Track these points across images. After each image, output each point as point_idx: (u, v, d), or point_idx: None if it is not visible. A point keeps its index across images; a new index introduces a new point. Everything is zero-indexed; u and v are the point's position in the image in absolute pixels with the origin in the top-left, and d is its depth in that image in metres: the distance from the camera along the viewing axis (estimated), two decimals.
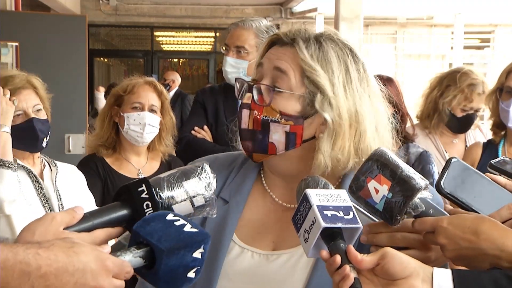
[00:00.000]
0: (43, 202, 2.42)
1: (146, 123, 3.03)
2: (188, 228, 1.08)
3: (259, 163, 1.50)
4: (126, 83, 3.12)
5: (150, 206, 1.15)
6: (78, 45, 6.18)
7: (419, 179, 1.18)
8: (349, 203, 1.16)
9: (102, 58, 14.78)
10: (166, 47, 14.51)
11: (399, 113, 2.59)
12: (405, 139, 2.90)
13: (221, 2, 11.89)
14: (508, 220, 1.23)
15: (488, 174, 1.37)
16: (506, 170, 1.43)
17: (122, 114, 3.05)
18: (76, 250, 0.98)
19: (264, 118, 1.39)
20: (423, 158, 2.88)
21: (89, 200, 2.66)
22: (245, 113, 1.41)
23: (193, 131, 3.35)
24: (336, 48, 1.41)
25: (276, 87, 1.39)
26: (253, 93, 1.41)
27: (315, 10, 11.17)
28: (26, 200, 2.36)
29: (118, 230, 1.17)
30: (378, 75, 1.64)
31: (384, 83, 1.52)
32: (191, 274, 1.07)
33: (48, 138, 2.52)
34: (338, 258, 1.09)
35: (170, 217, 1.09)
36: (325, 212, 1.12)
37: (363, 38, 9.05)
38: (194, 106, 3.53)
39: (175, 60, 15.09)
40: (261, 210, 1.47)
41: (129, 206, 1.16)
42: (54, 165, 2.59)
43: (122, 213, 1.16)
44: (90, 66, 11.46)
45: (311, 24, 10.99)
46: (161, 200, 1.17)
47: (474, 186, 1.31)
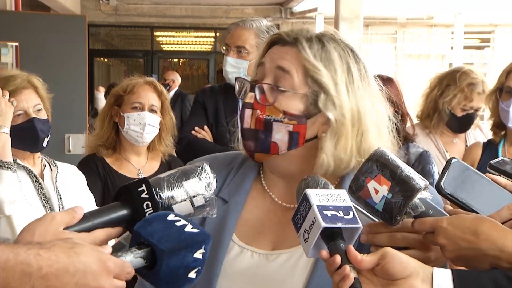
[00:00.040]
0: (44, 202, 2.42)
1: (146, 123, 3.03)
2: (189, 228, 1.08)
3: (258, 163, 1.49)
4: (126, 83, 3.11)
5: (150, 206, 1.15)
6: (78, 45, 6.18)
7: (419, 180, 1.18)
8: (349, 203, 1.16)
9: (102, 58, 14.77)
10: (166, 47, 14.50)
11: (399, 113, 2.59)
12: (405, 139, 2.90)
13: (221, 2, 11.88)
14: (508, 220, 1.23)
15: (488, 174, 1.37)
16: (506, 170, 1.43)
17: (122, 114, 3.05)
18: (77, 251, 0.98)
19: (267, 117, 1.38)
20: (423, 158, 2.88)
21: (89, 200, 2.66)
22: (247, 112, 1.41)
23: (193, 131, 3.35)
24: (338, 48, 1.41)
25: (279, 87, 1.39)
26: (255, 92, 1.40)
27: (315, 10, 11.17)
28: (26, 200, 2.36)
29: (118, 230, 1.17)
30: (378, 75, 1.64)
31: (384, 83, 1.52)
32: (192, 275, 1.07)
33: (48, 138, 2.52)
34: (338, 258, 1.09)
35: (171, 217, 1.09)
36: (325, 212, 1.12)
37: (363, 38, 9.05)
38: (194, 106, 3.53)
39: (175, 60, 15.08)
40: (260, 210, 1.46)
41: (129, 206, 1.16)
42: (55, 165, 2.59)
43: (122, 213, 1.16)
44: (90, 66, 11.46)
45: (311, 24, 11.00)
46: (161, 200, 1.17)
47: (474, 187, 1.31)
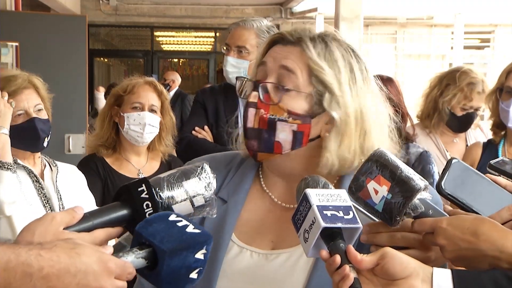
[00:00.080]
0: (44, 202, 2.43)
1: (146, 123, 3.03)
2: (190, 229, 1.08)
3: (257, 163, 1.49)
4: (126, 83, 3.11)
5: (150, 206, 1.15)
6: (78, 45, 6.18)
7: (419, 180, 1.18)
8: (349, 203, 1.16)
9: (102, 58, 14.77)
10: (166, 47, 14.50)
11: (399, 113, 2.59)
12: (405, 139, 2.90)
13: (221, 2, 11.88)
14: (508, 221, 1.23)
15: (488, 175, 1.37)
16: (506, 171, 1.43)
17: (122, 114, 3.05)
18: (78, 251, 0.98)
19: (271, 117, 1.38)
20: (423, 158, 2.88)
21: (89, 200, 2.66)
22: (251, 112, 1.40)
23: (193, 132, 3.35)
24: (340, 48, 1.42)
25: (284, 86, 1.38)
26: (259, 91, 1.40)
27: (315, 10, 11.17)
28: (26, 200, 2.36)
29: (118, 230, 1.17)
30: (378, 75, 1.65)
31: (384, 83, 1.53)
32: (194, 275, 1.07)
33: (49, 138, 2.52)
34: (338, 258, 1.09)
35: (172, 217, 1.09)
36: (325, 212, 1.12)
37: (363, 38, 9.05)
38: (194, 106, 3.53)
39: (175, 60, 15.08)
40: (259, 210, 1.46)
41: (129, 206, 1.16)
42: (55, 165, 2.59)
43: (122, 213, 1.16)
44: (90, 66, 11.45)
45: (311, 24, 10.99)
46: (161, 200, 1.17)
47: (474, 187, 1.31)
